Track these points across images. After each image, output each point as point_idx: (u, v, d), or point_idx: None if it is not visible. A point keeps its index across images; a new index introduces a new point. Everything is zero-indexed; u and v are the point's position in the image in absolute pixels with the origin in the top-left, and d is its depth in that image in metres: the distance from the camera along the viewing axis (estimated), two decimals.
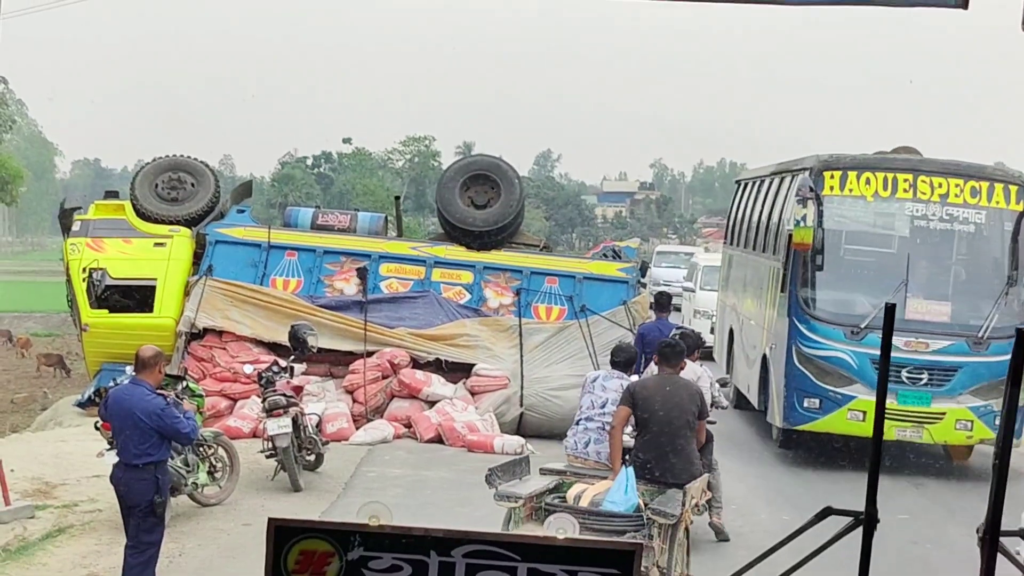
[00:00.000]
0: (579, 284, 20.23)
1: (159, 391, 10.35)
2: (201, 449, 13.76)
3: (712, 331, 26.61)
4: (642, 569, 8.74)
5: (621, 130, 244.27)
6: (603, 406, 11.83)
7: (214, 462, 14.06)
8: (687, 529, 10.33)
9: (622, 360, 12.34)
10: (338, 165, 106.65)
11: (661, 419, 10.76)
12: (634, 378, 12.21)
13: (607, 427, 11.43)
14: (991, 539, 3.00)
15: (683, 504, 9.98)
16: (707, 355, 19.65)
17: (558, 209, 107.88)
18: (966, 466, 18.03)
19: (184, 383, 13.96)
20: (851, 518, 3.39)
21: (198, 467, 13.57)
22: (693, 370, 12.86)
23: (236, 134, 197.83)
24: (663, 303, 17.60)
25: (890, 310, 3.16)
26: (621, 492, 9.91)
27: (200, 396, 14.02)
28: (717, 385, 13.87)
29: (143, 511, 9.93)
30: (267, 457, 15.17)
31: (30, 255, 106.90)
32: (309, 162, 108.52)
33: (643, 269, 21.74)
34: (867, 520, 3.25)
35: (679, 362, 11.39)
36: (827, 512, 3.49)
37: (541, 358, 19.64)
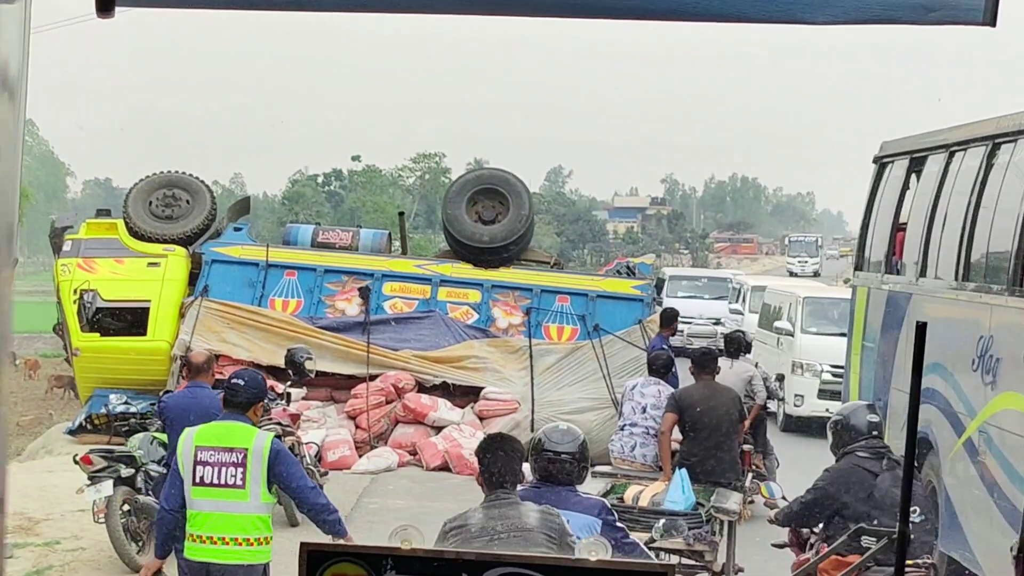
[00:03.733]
0: (592, 302, 19.50)
1: None
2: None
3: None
4: (706, 561, 9.74)
5: (632, 145, 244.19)
6: (644, 411, 12.50)
7: None
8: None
9: (659, 366, 13.00)
10: (348, 183, 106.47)
11: (708, 424, 11.49)
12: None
13: (651, 431, 12.27)
14: None
15: (742, 502, 10.82)
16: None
17: (569, 225, 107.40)
18: None
19: None
20: (884, 537, 3.56)
21: None
22: (744, 368, 14.45)
23: (247, 152, 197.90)
24: (669, 319, 17.03)
25: (921, 327, 3.03)
26: (679, 492, 10.41)
27: None
28: (772, 378, 16.01)
29: None
30: None
31: (41, 275, 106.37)
32: (320, 180, 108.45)
33: (659, 286, 20.97)
34: (900, 538, 3.23)
35: (714, 368, 12.13)
36: (860, 532, 3.78)
37: (553, 380, 18.94)
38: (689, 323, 31.12)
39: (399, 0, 3.12)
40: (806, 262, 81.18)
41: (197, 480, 7.64)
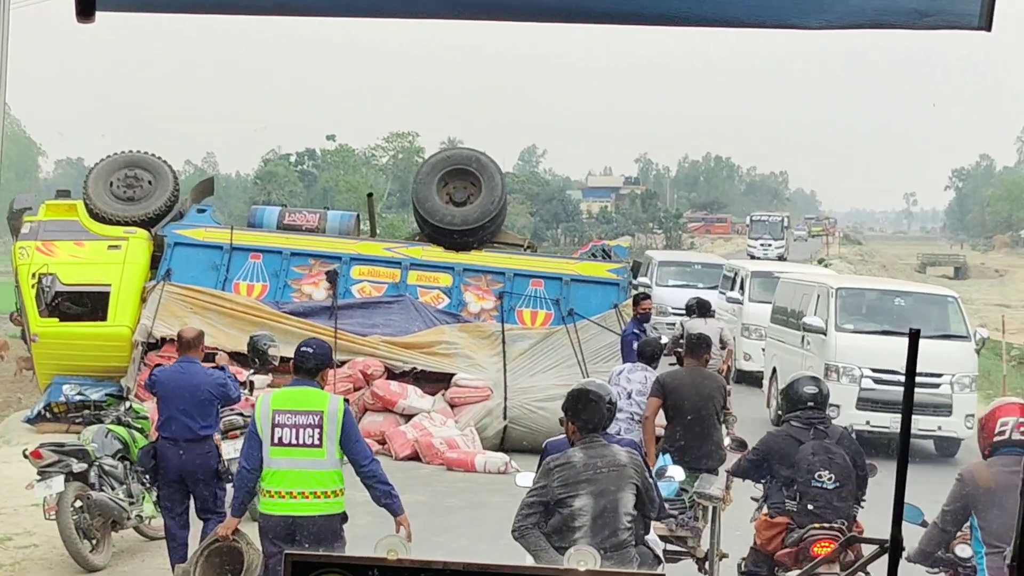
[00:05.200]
0: (566, 287, 19.07)
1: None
2: (148, 477, 12.44)
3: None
4: (689, 547, 10.24)
5: (606, 125, 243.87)
6: (629, 396, 12.39)
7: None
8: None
9: (648, 353, 12.96)
10: (321, 162, 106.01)
11: (692, 409, 11.32)
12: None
13: (635, 417, 12.15)
14: (1019, 567, 2.99)
15: (725, 487, 10.60)
16: None
17: (543, 204, 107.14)
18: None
19: (127, 404, 12.70)
20: (876, 545, 3.49)
21: (143, 497, 12.26)
22: (716, 322, 16.37)
23: (219, 131, 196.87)
24: (638, 303, 17.52)
25: (914, 334, 2.98)
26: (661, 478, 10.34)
27: (145, 418, 12.71)
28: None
29: (212, 479, 10.75)
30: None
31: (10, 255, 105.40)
32: (292, 159, 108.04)
33: (635, 269, 20.45)
34: (893, 546, 3.20)
35: (703, 354, 11.84)
36: (851, 540, 3.86)
37: (526, 367, 18.50)
38: (681, 315, 29.03)
39: (384, 5, 3.04)
40: (769, 245, 72.13)
41: (276, 441, 8.33)
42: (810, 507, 8.72)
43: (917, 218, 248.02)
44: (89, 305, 18.63)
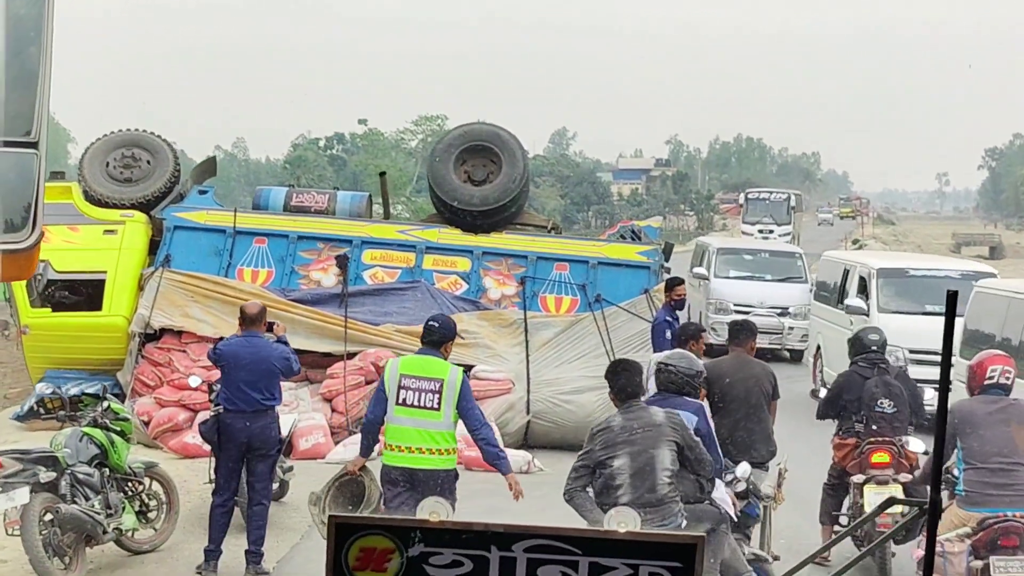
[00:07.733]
0: (593, 270, 17.92)
1: None
2: (129, 485, 11.36)
3: None
4: (736, 544, 10.00)
5: (637, 106, 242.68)
6: None
7: (146, 499, 11.68)
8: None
9: (688, 337, 12.47)
10: (351, 146, 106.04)
11: (738, 397, 11.24)
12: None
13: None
14: None
15: (777, 485, 10.54)
16: None
17: (573, 187, 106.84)
18: None
19: (106, 403, 11.56)
20: (916, 507, 3.48)
21: (123, 508, 11.14)
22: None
23: (249, 115, 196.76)
24: (671, 288, 16.78)
25: (951, 296, 2.91)
26: None
27: (126, 420, 11.59)
28: None
29: (272, 453, 11.19)
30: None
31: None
32: (321, 143, 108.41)
33: (667, 251, 19.20)
34: (931, 508, 3.13)
35: (747, 341, 11.74)
36: (891, 502, 3.62)
37: (550, 357, 17.40)
38: (747, 313, 23.51)
39: None
40: (771, 231, 55.05)
41: (400, 401, 9.45)
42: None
43: (950, 198, 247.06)
44: (84, 294, 17.65)
